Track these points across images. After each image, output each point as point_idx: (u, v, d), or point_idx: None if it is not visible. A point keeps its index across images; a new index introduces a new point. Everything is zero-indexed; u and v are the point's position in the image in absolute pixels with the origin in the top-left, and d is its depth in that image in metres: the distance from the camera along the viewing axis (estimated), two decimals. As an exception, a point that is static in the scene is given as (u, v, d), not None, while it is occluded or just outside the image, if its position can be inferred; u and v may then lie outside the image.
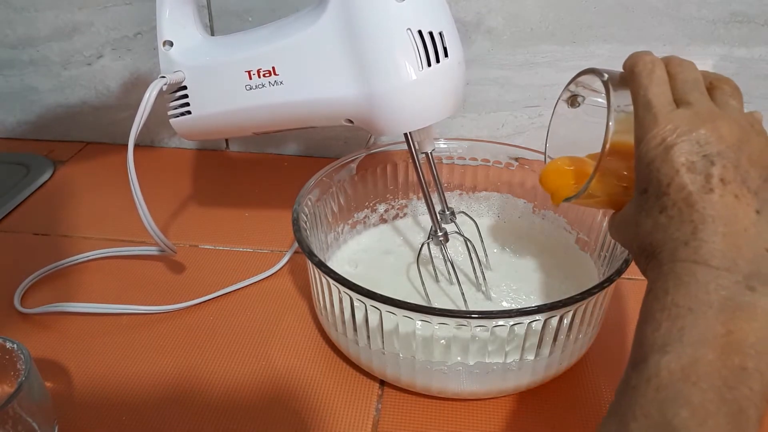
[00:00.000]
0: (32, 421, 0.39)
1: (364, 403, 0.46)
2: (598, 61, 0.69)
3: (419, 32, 0.42)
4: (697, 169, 0.31)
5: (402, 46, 0.42)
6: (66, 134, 0.83)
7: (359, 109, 0.44)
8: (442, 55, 0.42)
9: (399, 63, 0.42)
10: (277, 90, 0.46)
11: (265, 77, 0.46)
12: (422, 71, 0.42)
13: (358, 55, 0.43)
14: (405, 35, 0.42)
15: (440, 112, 0.45)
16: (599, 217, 0.53)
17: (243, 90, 0.47)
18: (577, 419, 0.45)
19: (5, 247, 0.63)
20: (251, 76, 0.46)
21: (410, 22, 0.42)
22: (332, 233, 0.57)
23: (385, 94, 0.43)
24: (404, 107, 0.44)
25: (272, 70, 0.45)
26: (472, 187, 0.62)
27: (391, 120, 0.44)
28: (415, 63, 0.42)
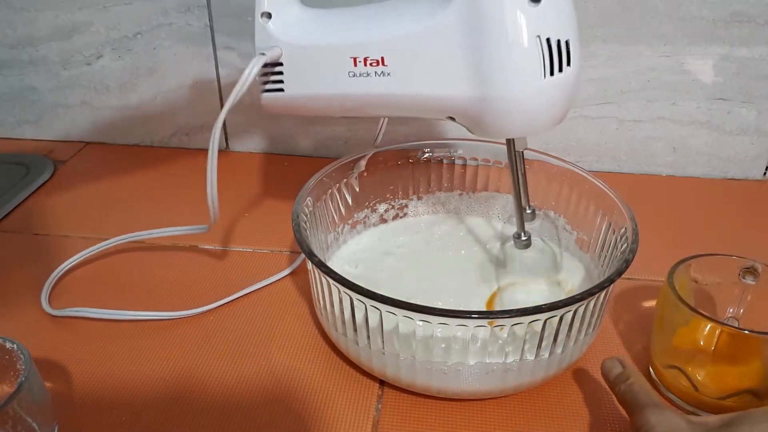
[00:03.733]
0: (32, 421, 0.39)
1: (364, 403, 0.46)
2: (598, 61, 0.69)
3: (548, 40, 0.39)
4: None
5: (529, 53, 0.39)
6: (66, 134, 0.83)
7: (468, 110, 0.43)
8: (565, 64, 0.40)
9: (523, 70, 0.40)
10: (384, 81, 0.44)
11: (371, 66, 0.43)
12: (544, 80, 0.40)
13: (480, 56, 0.40)
14: (534, 42, 0.39)
15: (552, 121, 0.43)
16: (599, 218, 0.53)
17: (345, 76, 0.45)
18: (577, 419, 0.45)
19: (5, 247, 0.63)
20: (356, 63, 0.44)
21: (541, 29, 0.39)
22: (332, 233, 0.57)
23: (502, 100, 0.41)
24: (518, 114, 0.42)
25: (381, 60, 0.43)
26: (472, 187, 0.62)
27: (499, 124, 0.42)
28: (539, 72, 0.40)
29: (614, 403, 0.46)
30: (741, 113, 0.70)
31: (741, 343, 0.42)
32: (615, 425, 0.45)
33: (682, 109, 0.71)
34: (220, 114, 0.46)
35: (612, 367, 0.43)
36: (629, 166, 0.75)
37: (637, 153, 0.74)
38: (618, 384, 0.41)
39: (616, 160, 0.75)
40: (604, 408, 0.46)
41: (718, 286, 0.49)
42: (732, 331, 0.42)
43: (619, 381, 0.41)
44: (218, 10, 0.71)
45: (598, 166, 0.75)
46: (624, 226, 0.49)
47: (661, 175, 0.75)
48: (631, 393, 0.40)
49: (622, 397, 0.41)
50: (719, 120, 0.71)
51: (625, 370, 0.42)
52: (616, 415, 0.45)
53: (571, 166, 0.56)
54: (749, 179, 0.74)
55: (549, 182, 0.58)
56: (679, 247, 0.53)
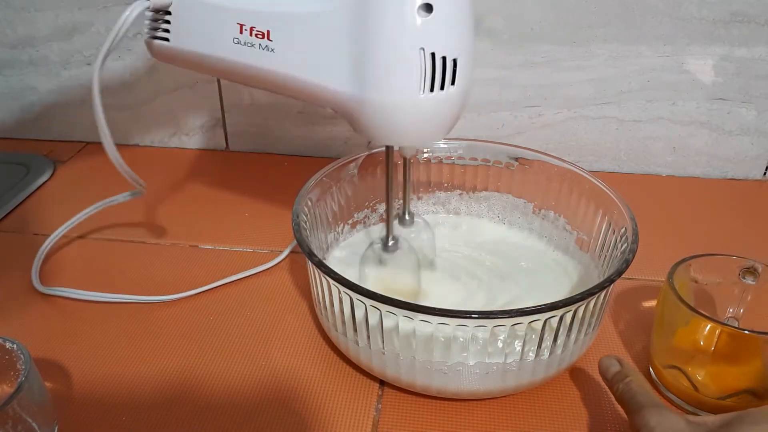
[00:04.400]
0: (32, 421, 0.39)
1: (364, 403, 0.46)
2: (598, 61, 0.69)
3: (432, 54, 0.38)
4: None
5: (411, 65, 0.38)
6: (66, 134, 0.83)
7: (346, 107, 0.42)
8: (449, 83, 0.39)
9: (402, 80, 0.39)
10: (266, 55, 0.42)
11: (256, 38, 0.42)
12: (423, 95, 0.39)
13: (363, 56, 0.39)
14: (417, 54, 0.38)
15: (430, 135, 0.42)
16: (599, 218, 0.53)
17: (230, 41, 0.43)
18: (577, 419, 0.45)
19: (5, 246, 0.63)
20: (242, 30, 0.42)
21: (427, 42, 0.38)
22: (332, 233, 0.57)
23: (378, 105, 0.40)
24: (393, 124, 0.41)
25: (266, 34, 0.42)
26: (472, 187, 0.62)
27: (374, 129, 0.42)
28: (418, 85, 0.39)
29: (614, 403, 0.46)
30: (741, 113, 0.70)
31: (741, 343, 0.42)
32: (615, 425, 0.45)
33: (682, 109, 0.71)
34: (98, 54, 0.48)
35: (609, 365, 0.42)
36: (629, 166, 0.75)
37: (637, 153, 0.74)
38: (616, 383, 0.41)
39: (616, 160, 0.75)
40: (604, 408, 0.46)
41: (718, 286, 0.49)
42: (732, 331, 0.42)
43: (617, 380, 0.41)
44: None
45: (598, 166, 0.75)
46: (624, 226, 0.49)
47: (661, 175, 0.75)
48: (630, 392, 0.40)
49: (620, 397, 0.41)
50: (719, 120, 0.71)
51: (623, 368, 0.42)
52: (615, 415, 0.45)
53: (571, 166, 0.56)
54: (749, 179, 0.74)
55: (549, 182, 0.58)
56: (679, 247, 0.53)
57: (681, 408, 0.45)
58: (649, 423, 0.37)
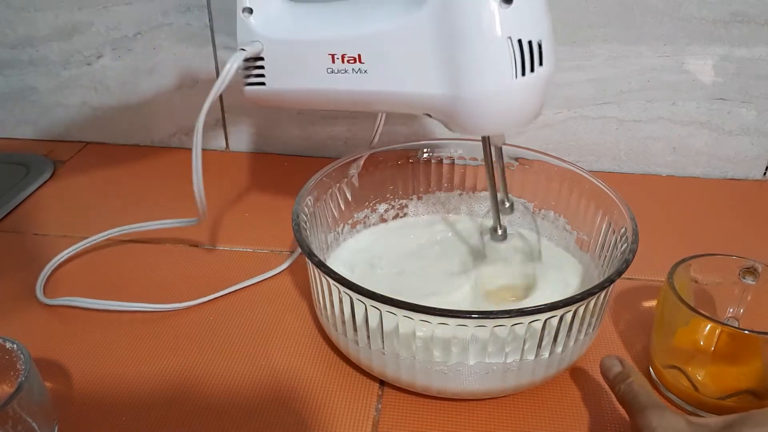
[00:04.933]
0: (32, 421, 0.39)
1: (364, 403, 0.46)
2: (598, 61, 0.69)
3: (519, 41, 0.40)
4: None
5: (500, 54, 0.40)
6: (66, 134, 0.83)
7: (443, 107, 0.44)
8: (537, 65, 0.41)
9: (494, 70, 0.41)
10: (360, 78, 0.44)
11: (349, 63, 0.44)
12: (515, 80, 0.41)
13: (453, 55, 0.41)
14: (505, 43, 0.40)
15: (525, 119, 0.44)
16: (599, 218, 0.53)
17: (324, 72, 0.45)
18: (577, 419, 0.45)
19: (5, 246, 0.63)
20: (334, 60, 0.45)
21: (512, 30, 0.40)
22: (332, 233, 0.57)
23: (474, 98, 0.42)
24: (490, 112, 0.42)
25: (357, 58, 0.44)
26: (472, 187, 0.62)
27: (472, 122, 0.43)
28: (510, 72, 0.40)
29: (614, 403, 0.46)
30: (741, 113, 0.70)
31: (741, 343, 0.42)
32: (615, 425, 0.45)
33: (682, 109, 0.71)
34: (203, 107, 0.48)
35: (611, 366, 0.43)
36: (629, 166, 0.75)
37: (637, 153, 0.74)
38: (618, 383, 0.41)
39: (616, 160, 0.75)
40: (604, 408, 0.46)
41: (718, 286, 0.49)
42: (732, 331, 0.42)
43: (618, 380, 0.41)
44: (218, 10, 0.71)
45: (598, 166, 0.75)
46: (624, 226, 0.49)
47: (661, 175, 0.75)
48: (631, 393, 0.40)
49: (621, 397, 0.41)
50: (719, 120, 0.71)
51: (625, 368, 0.42)
52: (616, 415, 0.45)
53: (571, 166, 0.56)
54: (749, 179, 0.74)
55: (549, 182, 0.58)
56: (679, 247, 0.53)
57: (681, 408, 0.45)
58: (651, 424, 0.37)
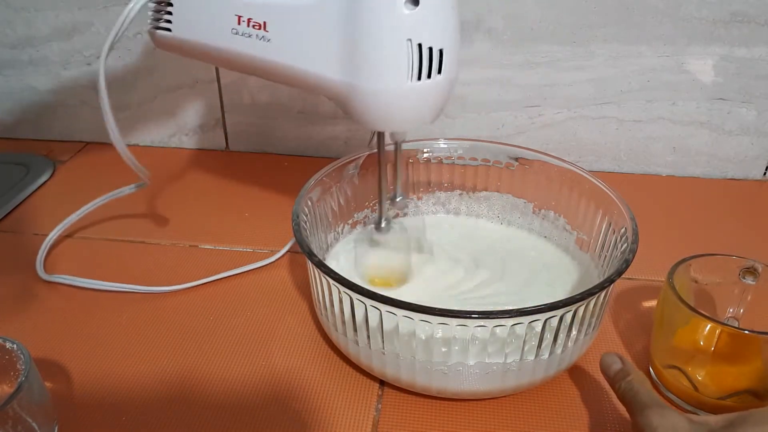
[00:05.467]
0: (32, 421, 0.39)
1: (364, 403, 0.46)
2: (598, 61, 0.69)
3: (419, 45, 0.40)
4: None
5: (399, 55, 0.40)
6: (66, 134, 0.83)
7: (338, 94, 0.43)
8: (435, 72, 0.41)
9: (391, 70, 0.41)
10: (263, 45, 0.44)
11: (254, 29, 0.44)
12: (410, 83, 0.41)
13: (354, 46, 0.41)
14: (404, 45, 0.40)
15: (418, 121, 0.44)
16: (599, 218, 0.53)
17: (228, 32, 0.45)
18: (577, 419, 0.45)
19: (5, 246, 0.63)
20: (240, 21, 0.44)
21: (413, 33, 0.40)
22: (332, 233, 0.57)
23: (368, 93, 0.42)
24: (383, 109, 0.43)
25: (263, 25, 0.44)
26: (472, 187, 0.62)
27: (365, 115, 0.44)
28: (405, 74, 0.40)
29: (614, 403, 0.46)
30: (741, 113, 0.70)
31: (741, 343, 0.42)
32: (615, 425, 0.45)
33: (682, 109, 0.71)
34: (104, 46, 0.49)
35: (611, 363, 0.42)
36: (629, 166, 0.75)
37: (637, 153, 0.74)
38: (618, 381, 0.41)
39: (616, 160, 0.75)
40: (604, 408, 0.46)
41: (718, 286, 0.49)
42: (732, 331, 0.42)
43: (618, 378, 0.41)
44: None
45: (598, 166, 0.75)
46: (624, 226, 0.49)
47: (661, 175, 0.75)
48: (632, 391, 0.40)
49: (622, 395, 0.41)
50: (719, 120, 0.71)
51: (625, 366, 0.42)
52: (616, 415, 0.45)
53: (571, 166, 0.56)
54: (749, 179, 0.74)
55: (549, 182, 0.58)
56: (679, 247, 0.53)
57: (681, 408, 0.45)
58: (652, 423, 0.37)
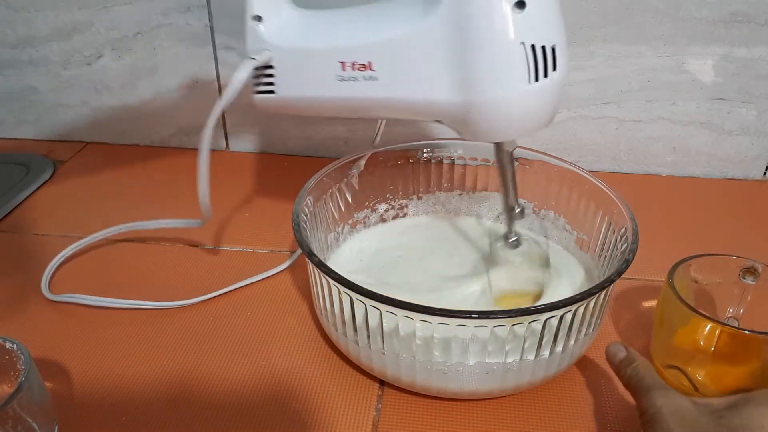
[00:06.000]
0: (32, 421, 0.39)
1: (364, 403, 0.46)
2: (598, 61, 0.69)
3: (532, 46, 0.39)
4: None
5: (515, 59, 0.39)
6: (66, 134, 0.83)
7: (455, 114, 0.43)
8: (551, 70, 0.40)
9: (508, 76, 0.40)
10: (371, 85, 0.44)
11: (359, 71, 0.44)
12: (530, 86, 0.40)
13: (465, 61, 0.40)
14: (519, 49, 0.39)
15: (539, 124, 0.43)
16: (599, 218, 0.53)
17: (334, 80, 0.45)
18: (577, 419, 0.45)
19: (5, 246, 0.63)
20: (345, 67, 0.44)
21: (526, 35, 0.39)
22: (332, 233, 0.57)
23: (488, 104, 0.41)
24: (503, 118, 0.42)
25: (368, 65, 0.43)
26: (472, 187, 0.62)
27: (485, 128, 0.42)
28: (524, 77, 0.39)
29: (614, 402, 0.46)
30: (741, 113, 0.70)
31: (741, 343, 0.42)
32: (615, 425, 0.45)
33: (682, 109, 0.71)
34: (210, 115, 0.48)
35: (616, 352, 0.43)
36: (629, 166, 0.75)
37: (637, 153, 0.74)
38: (623, 368, 0.42)
39: (616, 160, 0.75)
40: (604, 408, 0.46)
41: (718, 286, 0.49)
42: (732, 331, 0.42)
43: (624, 365, 0.42)
44: (218, 10, 0.71)
45: (598, 166, 0.75)
46: (624, 226, 0.49)
47: (661, 175, 0.75)
48: (637, 377, 0.40)
49: (627, 381, 0.41)
50: (719, 120, 0.71)
51: (629, 354, 0.42)
52: (616, 414, 0.45)
53: (571, 166, 0.56)
54: (749, 179, 0.74)
55: (549, 182, 0.58)
56: (679, 247, 0.53)
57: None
58: (656, 403, 0.38)
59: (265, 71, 0.48)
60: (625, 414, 0.45)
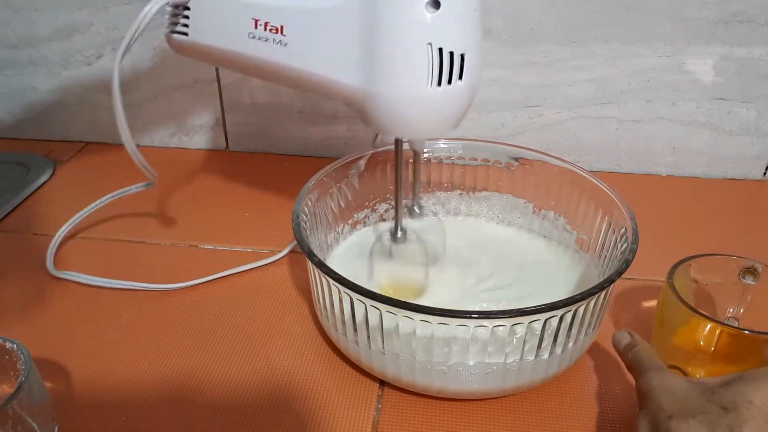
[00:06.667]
0: (32, 421, 0.39)
1: (364, 403, 0.46)
2: (598, 61, 0.69)
3: (440, 50, 0.38)
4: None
5: (418, 59, 0.39)
6: (66, 134, 0.83)
7: (356, 100, 0.43)
8: (456, 77, 0.39)
9: (410, 75, 0.39)
10: (280, 50, 0.43)
11: (271, 32, 0.43)
12: (430, 89, 0.39)
13: (372, 51, 0.40)
14: (425, 49, 0.38)
15: (438, 128, 0.43)
16: (599, 218, 0.53)
17: (245, 36, 0.45)
18: (577, 419, 0.45)
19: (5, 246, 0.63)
20: (257, 25, 0.44)
21: (434, 37, 0.38)
22: (332, 233, 0.57)
23: (386, 99, 0.41)
24: (402, 116, 0.42)
25: (280, 29, 0.43)
26: (472, 187, 0.62)
27: (384, 122, 0.42)
28: (425, 79, 0.39)
29: (614, 403, 0.46)
30: (741, 113, 0.70)
31: (741, 343, 0.42)
32: (615, 425, 0.45)
33: (682, 109, 0.71)
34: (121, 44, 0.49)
35: (621, 338, 0.44)
36: (629, 166, 0.75)
37: (637, 153, 0.74)
38: (626, 352, 0.43)
39: (616, 160, 0.75)
40: (604, 408, 0.46)
41: (718, 286, 0.49)
42: (732, 332, 0.42)
43: (627, 349, 0.43)
44: None
45: (598, 166, 0.75)
46: (624, 226, 0.49)
47: (661, 175, 0.75)
48: (637, 359, 0.42)
49: (629, 364, 0.43)
50: (719, 120, 0.71)
51: (633, 338, 0.44)
52: (615, 414, 0.45)
53: (571, 166, 0.56)
54: (749, 179, 0.74)
55: (549, 182, 0.58)
56: (679, 247, 0.53)
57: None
58: (652, 382, 0.39)
59: (182, 12, 0.48)
60: (625, 414, 0.45)
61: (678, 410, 0.36)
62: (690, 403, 0.37)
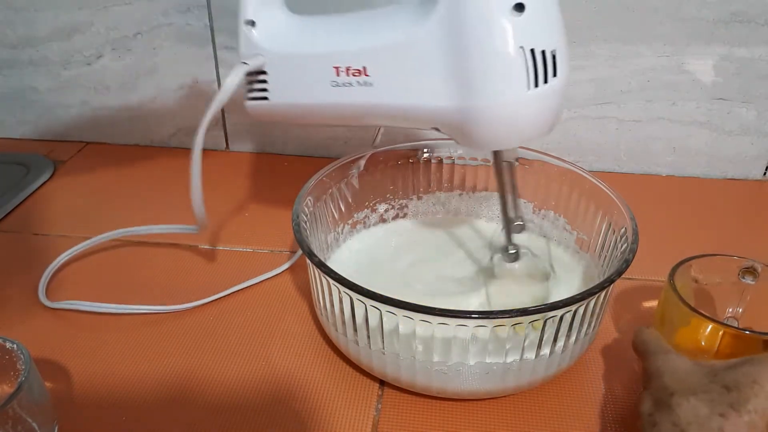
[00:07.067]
0: (32, 421, 0.39)
1: (364, 403, 0.46)
2: (598, 61, 0.69)
3: (532, 51, 0.38)
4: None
5: (513, 64, 0.38)
6: (66, 134, 0.83)
7: (451, 121, 0.42)
8: (551, 75, 0.39)
9: (506, 82, 0.39)
10: (366, 91, 0.43)
11: (353, 76, 0.43)
12: (529, 91, 0.39)
13: (463, 66, 0.39)
14: (518, 53, 0.38)
15: (538, 132, 0.41)
16: (599, 218, 0.53)
17: (328, 85, 0.44)
18: (577, 419, 0.45)
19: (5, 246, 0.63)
20: (339, 72, 0.43)
21: (525, 40, 0.38)
22: (332, 233, 0.57)
23: (485, 111, 0.40)
24: (502, 126, 0.40)
25: (363, 70, 0.42)
26: (472, 187, 0.62)
27: (483, 136, 0.41)
28: (523, 83, 0.38)
29: (614, 402, 0.46)
30: (741, 113, 0.70)
31: (741, 343, 0.43)
32: (615, 425, 0.45)
33: (681, 109, 0.71)
34: (202, 122, 0.48)
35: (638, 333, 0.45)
36: (629, 166, 0.75)
37: (637, 153, 0.74)
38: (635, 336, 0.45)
39: (616, 160, 0.75)
40: (605, 408, 0.46)
41: (718, 286, 0.49)
42: (732, 332, 0.42)
43: (636, 334, 0.45)
44: (218, 10, 0.71)
45: (598, 166, 0.75)
46: (624, 226, 0.49)
47: (661, 175, 0.75)
48: (644, 343, 0.43)
49: (636, 348, 0.44)
50: (719, 120, 0.71)
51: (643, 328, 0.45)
52: (615, 414, 0.45)
53: (571, 166, 0.56)
54: (749, 179, 0.74)
55: (549, 182, 0.58)
56: (679, 247, 0.53)
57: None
58: (657, 364, 0.40)
59: (258, 77, 0.47)
60: (626, 414, 0.45)
61: (680, 388, 0.37)
62: (693, 382, 0.37)
